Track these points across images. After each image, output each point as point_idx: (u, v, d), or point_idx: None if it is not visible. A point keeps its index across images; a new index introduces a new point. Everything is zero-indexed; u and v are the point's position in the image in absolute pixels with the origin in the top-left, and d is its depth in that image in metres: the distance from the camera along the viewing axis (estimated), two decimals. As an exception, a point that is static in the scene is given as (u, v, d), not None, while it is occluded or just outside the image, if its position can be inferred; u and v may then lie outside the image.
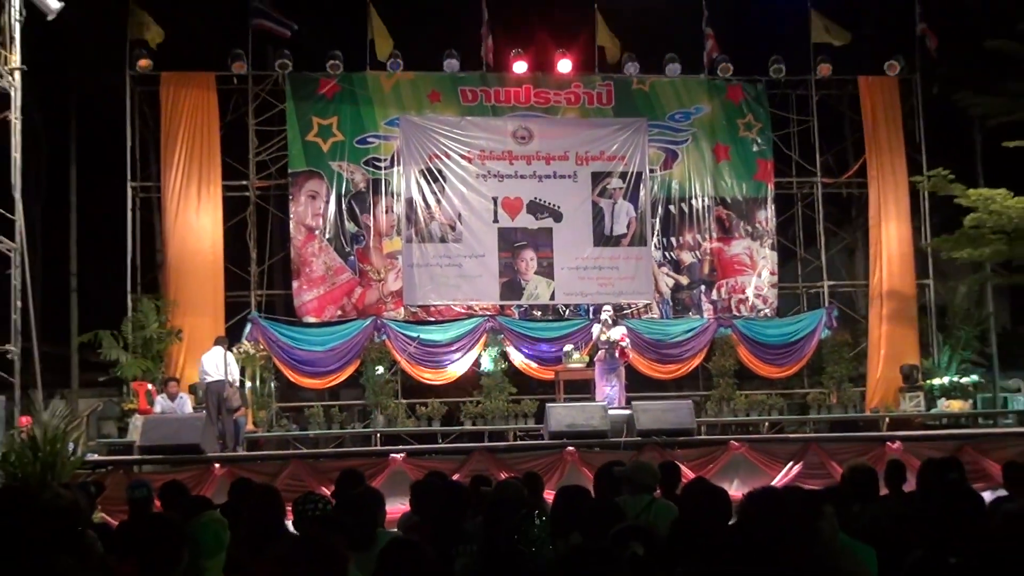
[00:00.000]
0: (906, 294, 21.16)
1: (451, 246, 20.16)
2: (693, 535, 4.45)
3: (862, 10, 22.48)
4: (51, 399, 14.71)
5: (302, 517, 6.05)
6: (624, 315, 19.73)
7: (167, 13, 19.88)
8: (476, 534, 5.87)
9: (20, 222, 14.79)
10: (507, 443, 16.88)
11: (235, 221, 20.10)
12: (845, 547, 5.07)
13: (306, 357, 19.22)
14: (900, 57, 21.30)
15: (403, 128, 20.22)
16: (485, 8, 20.20)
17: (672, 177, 20.96)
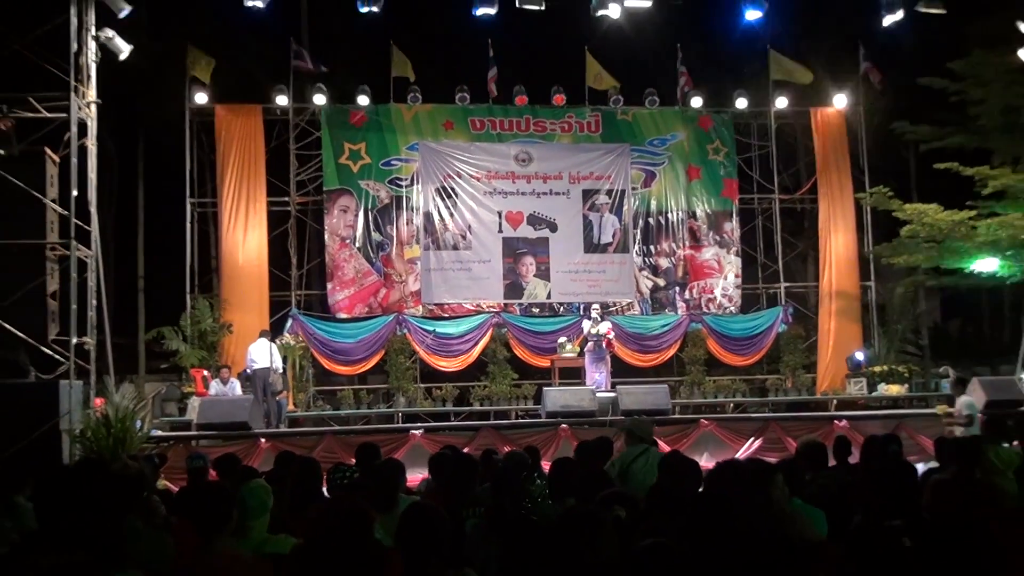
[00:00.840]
0: (851, 294, 21.19)
1: (462, 253, 20.16)
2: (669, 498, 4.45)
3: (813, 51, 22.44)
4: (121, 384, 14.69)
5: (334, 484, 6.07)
6: (610, 312, 19.75)
7: (220, 54, 19.89)
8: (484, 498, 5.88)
9: (95, 233, 14.77)
10: (510, 421, 16.87)
11: (278, 232, 20.14)
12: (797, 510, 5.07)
13: (338, 347, 19.23)
14: (847, 92, 21.33)
15: (421, 152, 20.23)
16: (491, 49, 20.20)
17: (651, 194, 20.96)
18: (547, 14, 16.39)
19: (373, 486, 5.68)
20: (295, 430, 16.06)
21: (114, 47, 15.41)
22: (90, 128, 14.86)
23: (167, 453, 12.61)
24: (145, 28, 21.91)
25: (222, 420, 14.89)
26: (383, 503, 5.42)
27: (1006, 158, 21.92)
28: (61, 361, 13.49)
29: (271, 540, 4.99)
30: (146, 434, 13.66)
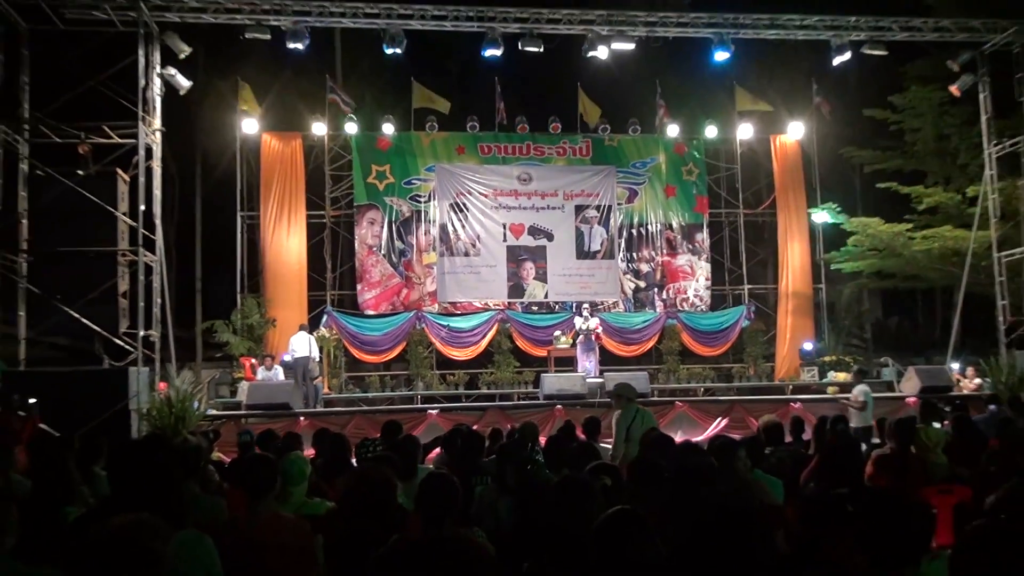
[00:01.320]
0: (805, 295, 21.14)
1: (472, 259, 20.14)
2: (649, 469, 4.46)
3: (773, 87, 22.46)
4: (181, 370, 14.75)
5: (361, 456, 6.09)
6: (598, 310, 19.76)
7: (266, 89, 19.94)
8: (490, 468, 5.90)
9: (159, 241, 14.82)
10: (512, 403, 16.86)
11: (315, 240, 20.14)
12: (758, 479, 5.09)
13: (366, 339, 19.23)
14: (801, 122, 21.31)
15: (437, 173, 20.22)
16: (498, 85, 20.20)
17: (633, 209, 20.92)
18: (545, 55, 16.43)
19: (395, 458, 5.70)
20: (329, 410, 16.05)
21: (176, 83, 15.49)
22: (155, 152, 14.92)
23: (220, 429, 12.59)
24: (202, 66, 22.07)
25: (267, 401, 14.90)
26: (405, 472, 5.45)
27: (938, 179, 22.00)
28: (130, 351, 13.56)
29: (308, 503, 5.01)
30: (202, 413, 13.69)
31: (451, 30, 16.36)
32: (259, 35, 15.38)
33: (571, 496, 3.23)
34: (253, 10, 15.43)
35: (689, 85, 22.59)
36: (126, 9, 14.41)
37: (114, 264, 13.67)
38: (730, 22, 16.51)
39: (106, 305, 13.43)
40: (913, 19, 17.08)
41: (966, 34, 16.99)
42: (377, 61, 17.53)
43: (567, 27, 16.38)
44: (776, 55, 22.11)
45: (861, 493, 4.33)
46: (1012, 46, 16.88)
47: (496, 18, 15.97)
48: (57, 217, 13.54)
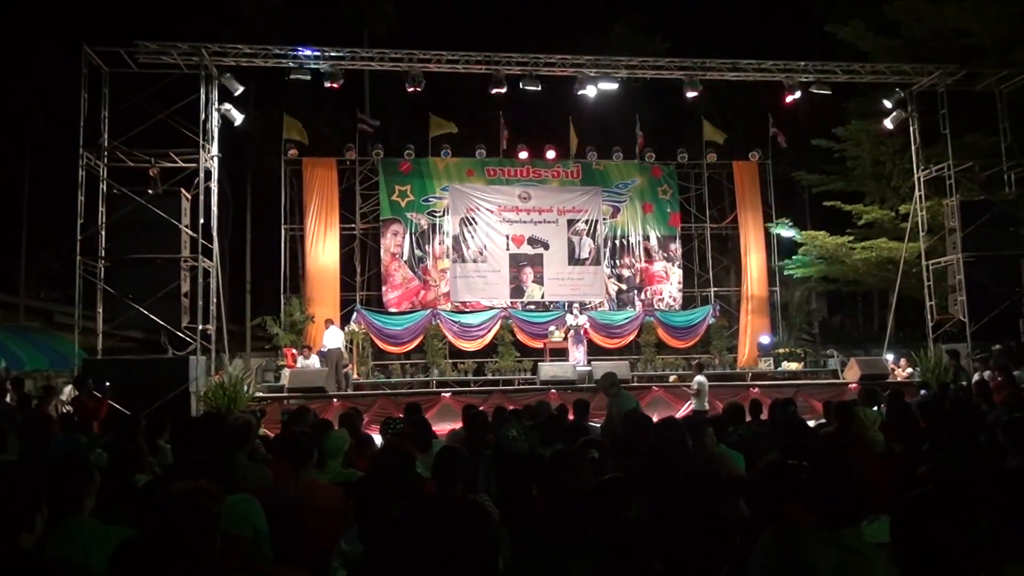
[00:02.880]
0: (762, 296, 21.16)
1: (480, 265, 20.11)
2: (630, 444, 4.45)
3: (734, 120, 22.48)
4: (233, 359, 14.75)
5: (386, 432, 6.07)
6: (587, 308, 19.76)
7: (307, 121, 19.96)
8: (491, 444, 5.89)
9: (216, 249, 14.84)
10: (514, 387, 16.84)
11: (347, 249, 20.15)
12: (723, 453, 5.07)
13: (390, 333, 19.20)
14: (759, 149, 21.33)
15: (451, 192, 20.21)
16: (502, 118, 20.23)
17: (617, 223, 20.90)
18: (543, 93, 16.44)
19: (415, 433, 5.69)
20: (358, 393, 16.06)
21: (231, 116, 15.53)
22: (213, 174, 14.96)
23: (266, 409, 12.61)
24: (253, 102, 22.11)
25: (305, 385, 14.94)
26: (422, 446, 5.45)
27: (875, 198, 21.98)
28: (190, 342, 13.57)
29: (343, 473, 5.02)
30: (251, 395, 13.70)
31: (463, 72, 16.37)
32: (301, 76, 15.39)
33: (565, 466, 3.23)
34: (296, 56, 15.48)
35: (664, 118, 22.65)
36: (190, 55, 14.50)
37: (177, 269, 13.69)
38: (698, 66, 16.52)
39: (170, 303, 13.46)
40: (853, 64, 17.09)
41: (898, 76, 16.99)
42: (400, 98, 17.54)
43: (561, 69, 16.40)
44: (737, 93, 22.13)
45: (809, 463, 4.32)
46: (937, 87, 16.88)
47: (500, 62, 15.99)
48: (130, 229, 13.57)
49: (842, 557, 2.38)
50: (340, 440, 5.08)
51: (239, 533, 3.50)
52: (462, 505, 1.80)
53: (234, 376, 13.26)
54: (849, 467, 2.69)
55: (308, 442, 4.47)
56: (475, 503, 1.90)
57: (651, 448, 3.75)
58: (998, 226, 16.08)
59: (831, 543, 2.42)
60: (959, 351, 15.49)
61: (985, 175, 17.20)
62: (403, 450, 3.85)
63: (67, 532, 3.01)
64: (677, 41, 25.18)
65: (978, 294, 15.83)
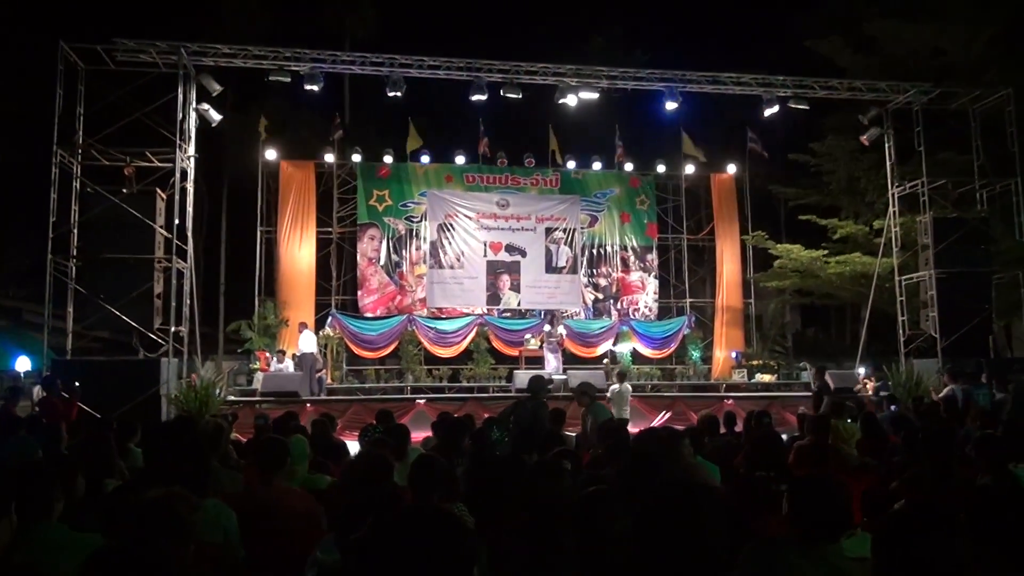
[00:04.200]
0: (737, 308, 21.28)
1: (457, 271, 20.07)
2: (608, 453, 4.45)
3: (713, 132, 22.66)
4: (206, 362, 14.60)
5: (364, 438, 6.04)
6: (565, 317, 19.78)
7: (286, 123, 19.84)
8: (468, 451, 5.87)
9: (190, 251, 14.71)
10: (488, 395, 16.79)
11: (323, 253, 20.04)
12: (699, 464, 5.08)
13: (365, 338, 19.08)
14: (736, 162, 21.48)
15: (429, 198, 20.16)
16: (481, 124, 20.24)
17: (594, 232, 20.95)
18: (523, 101, 16.46)
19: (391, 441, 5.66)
20: (332, 398, 15.94)
21: (208, 116, 15.42)
22: (189, 174, 14.85)
23: (238, 413, 12.50)
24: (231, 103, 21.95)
25: (279, 389, 14.82)
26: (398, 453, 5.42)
27: (849, 213, 22.25)
28: (162, 344, 13.42)
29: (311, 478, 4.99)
30: (223, 399, 13.58)
31: (444, 78, 16.35)
32: (281, 78, 15.29)
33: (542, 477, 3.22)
34: (276, 57, 15.40)
35: (643, 129, 22.73)
36: (168, 54, 14.39)
37: (151, 270, 13.57)
38: (678, 78, 16.63)
39: (143, 304, 13.33)
40: (831, 80, 17.29)
41: (874, 94, 17.22)
42: (380, 102, 17.45)
43: (542, 78, 16.44)
44: (716, 106, 22.28)
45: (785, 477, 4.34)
46: (912, 105, 17.12)
47: (482, 69, 16.01)
48: (103, 228, 13.43)
49: (826, 573, 2.39)
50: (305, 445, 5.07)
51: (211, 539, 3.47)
52: (438, 516, 1.80)
53: (206, 379, 13.14)
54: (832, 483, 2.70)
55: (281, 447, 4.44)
56: (451, 514, 1.90)
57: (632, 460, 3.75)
58: (970, 243, 16.30)
59: (814, 559, 2.43)
60: None
61: (957, 193, 17.46)
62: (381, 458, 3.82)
63: (37, 539, 2.96)
64: (656, 54, 25.43)
65: (949, 310, 16.03)
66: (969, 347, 15.69)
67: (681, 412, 15.06)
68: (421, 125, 20.20)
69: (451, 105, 21.25)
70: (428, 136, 20.38)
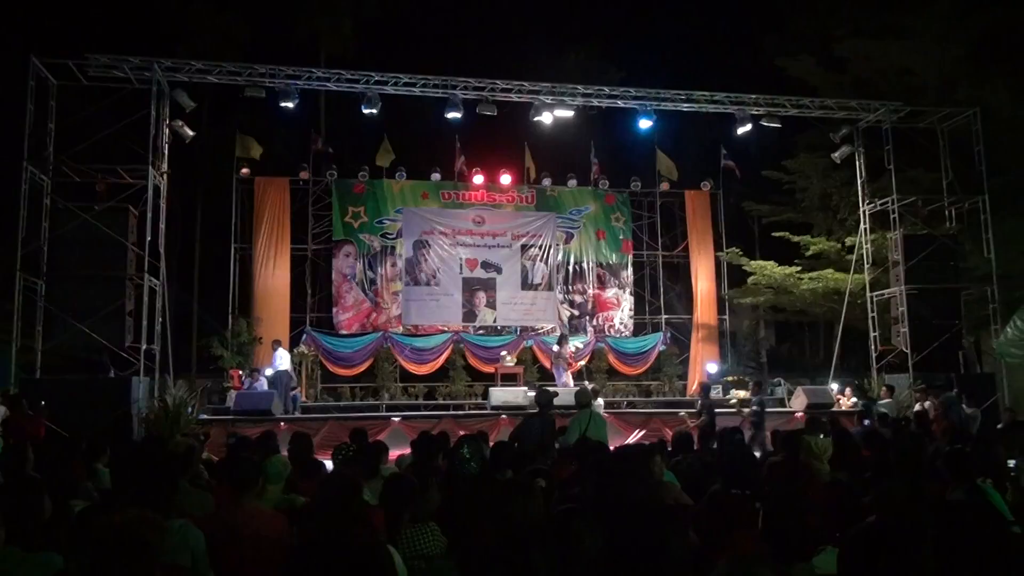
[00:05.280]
0: (712, 324, 21.34)
1: (432, 288, 20.03)
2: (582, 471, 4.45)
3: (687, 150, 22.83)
4: (178, 380, 14.42)
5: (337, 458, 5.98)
6: (538, 333, 19.80)
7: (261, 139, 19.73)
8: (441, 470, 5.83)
9: (163, 268, 14.58)
10: (464, 412, 16.68)
11: (298, 270, 19.92)
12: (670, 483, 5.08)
13: (340, 355, 19.00)
14: (710, 179, 21.63)
15: (405, 215, 20.13)
16: (458, 142, 20.27)
17: (570, 249, 21.01)
18: (499, 118, 16.54)
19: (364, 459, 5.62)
20: (306, 416, 15.79)
21: (182, 133, 15.36)
22: (162, 191, 14.74)
23: (210, 432, 12.34)
24: (206, 119, 21.84)
25: (252, 408, 14.66)
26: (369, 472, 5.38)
27: (822, 230, 22.46)
28: (133, 362, 13.27)
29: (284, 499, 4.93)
30: (195, 418, 13.38)
31: (419, 94, 16.38)
32: (255, 94, 15.25)
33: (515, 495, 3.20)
34: (251, 73, 15.36)
35: (618, 146, 22.87)
36: (142, 69, 14.33)
37: (122, 287, 13.44)
38: (652, 96, 16.79)
39: (114, 322, 13.19)
40: (802, 98, 17.55)
41: (845, 112, 17.48)
42: (356, 119, 17.44)
43: (517, 95, 16.54)
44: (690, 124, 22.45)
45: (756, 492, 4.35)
46: (882, 123, 17.37)
47: (457, 86, 16.08)
48: (74, 245, 13.31)
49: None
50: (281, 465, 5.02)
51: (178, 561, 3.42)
52: (356, 548, 1.78)
53: (178, 398, 12.97)
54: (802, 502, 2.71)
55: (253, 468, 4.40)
56: (370, 546, 1.87)
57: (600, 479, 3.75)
58: (939, 260, 16.55)
59: None
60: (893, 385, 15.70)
61: (927, 210, 17.70)
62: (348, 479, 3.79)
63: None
64: (631, 72, 25.64)
65: (920, 326, 16.23)
66: (940, 362, 15.89)
67: (656, 429, 15.03)
68: (397, 142, 20.18)
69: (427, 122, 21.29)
70: (404, 153, 20.36)
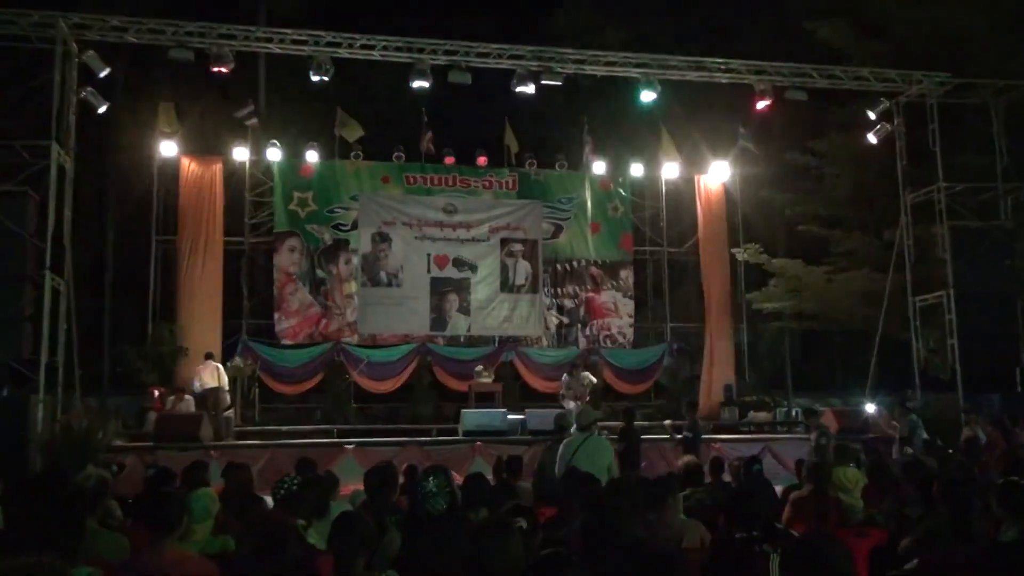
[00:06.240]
0: (726, 334, 21.29)
1: (394, 290, 20.00)
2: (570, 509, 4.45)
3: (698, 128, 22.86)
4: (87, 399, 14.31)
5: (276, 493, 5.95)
6: (520, 344, 19.82)
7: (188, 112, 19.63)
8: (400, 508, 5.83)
9: (69, 264, 14.46)
10: (431, 438, 16.59)
11: (232, 267, 19.80)
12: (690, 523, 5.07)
13: (283, 370, 18.93)
14: (726, 163, 21.64)
15: (361, 202, 20.09)
16: (425, 115, 20.24)
17: (559, 244, 21.05)
18: (473, 88, 16.52)
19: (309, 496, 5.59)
20: (241, 443, 15.69)
21: (93, 102, 15.21)
22: (68, 172, 14.61)
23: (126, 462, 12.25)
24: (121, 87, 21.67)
25: (176, 433, 14.57)
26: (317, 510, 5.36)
27: (856, 223, 22.56)
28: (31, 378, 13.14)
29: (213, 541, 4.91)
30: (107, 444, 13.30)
31: (379, 60, 16.34)
32: (182, 57, 15.16)
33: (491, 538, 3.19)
34: (176, 31, 15.24)
35: (616, 123, 22.91)
36: (44, 26, 14.17)
37: (20, 288, 13.32)
38: (657, 63, 16.83)
39: (8, 330, 13.05)
40: (834, 68, 17.64)
41: (883, 84, 17.59)
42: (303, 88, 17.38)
43: (496, 61, 16.51)
44: (702, 97, 22.52)
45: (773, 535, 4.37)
46: (926, 98, 17.48)
47: (425, 49, 16.03)
48: (-40, 238, 13.15)
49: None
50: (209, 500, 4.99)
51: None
52: None
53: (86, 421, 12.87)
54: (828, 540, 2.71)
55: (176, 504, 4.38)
56: None
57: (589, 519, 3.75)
58: (992, 257, 16.61)
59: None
60: None
61: (979, 199, 17.80)
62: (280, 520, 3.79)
63: None
64: (633, 34, 25.62)
65: (970, 336, 16.30)
66: (992, 379, 15.97)
67: (658, 458, 15.03)
68: (353, 116, 20.11)
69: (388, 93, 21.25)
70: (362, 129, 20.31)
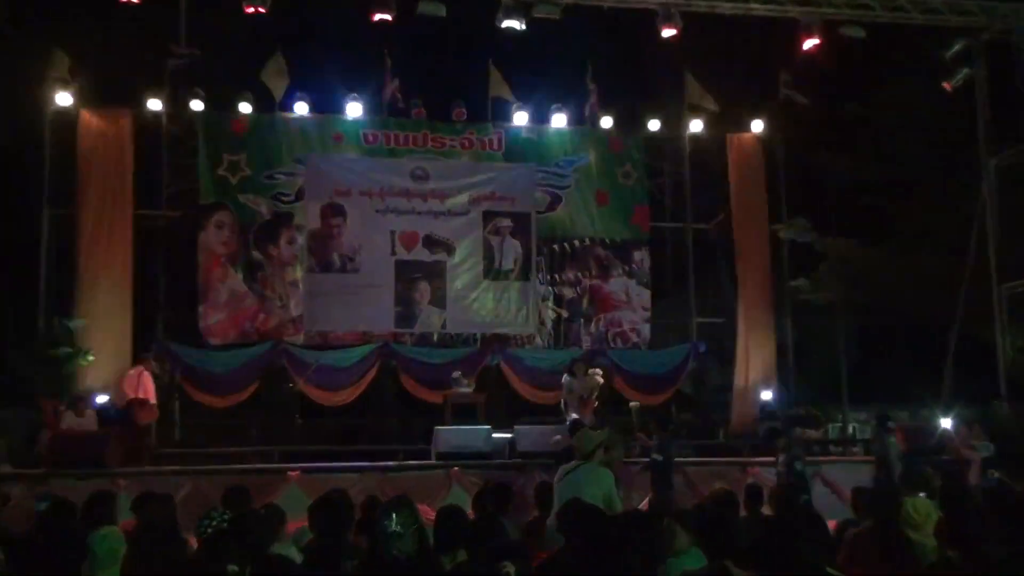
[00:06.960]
0: (766, 331, 21.26)
1: (349, 276, 19.97)
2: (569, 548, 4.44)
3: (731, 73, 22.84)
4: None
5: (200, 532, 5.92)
6: (507, 344, 19.81)
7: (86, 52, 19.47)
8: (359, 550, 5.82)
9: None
10: (397, 463, 16.56)
11: (146, 248, 19.70)
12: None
13: (209, 377, 18.84)
14: (764, 118, 21.60)
15: (308, 165, 20.05)
16: (388, 59, 20.17)
17: (556, 219, 21.04)
18: (449, 23, 16.50)
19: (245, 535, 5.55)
20: (158, 468, 15.64)
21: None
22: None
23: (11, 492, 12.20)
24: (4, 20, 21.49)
25: (75, 456, 14.51)
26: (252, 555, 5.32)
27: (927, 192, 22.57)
28: None
29: (121, 591, 4.89)
30: (-12, 470, 13.28)
31: (330, -13, 16.31)
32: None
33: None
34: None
35: (628, 68, 22.85)
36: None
37: None
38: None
39: None
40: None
41: (961, 17, 17.57)
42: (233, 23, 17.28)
43: (477, -12, 16.48)
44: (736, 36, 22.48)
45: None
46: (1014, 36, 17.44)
47: (388, -27, 15.99)
48: None
49: None
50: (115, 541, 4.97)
51: None
52: None
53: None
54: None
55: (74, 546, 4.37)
56: None
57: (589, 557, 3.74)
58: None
59: None
60: None
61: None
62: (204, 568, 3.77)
63: None
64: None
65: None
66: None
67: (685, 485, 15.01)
68: (297, 60, 20.02)
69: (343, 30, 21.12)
70: (308, 76, 20.23)
